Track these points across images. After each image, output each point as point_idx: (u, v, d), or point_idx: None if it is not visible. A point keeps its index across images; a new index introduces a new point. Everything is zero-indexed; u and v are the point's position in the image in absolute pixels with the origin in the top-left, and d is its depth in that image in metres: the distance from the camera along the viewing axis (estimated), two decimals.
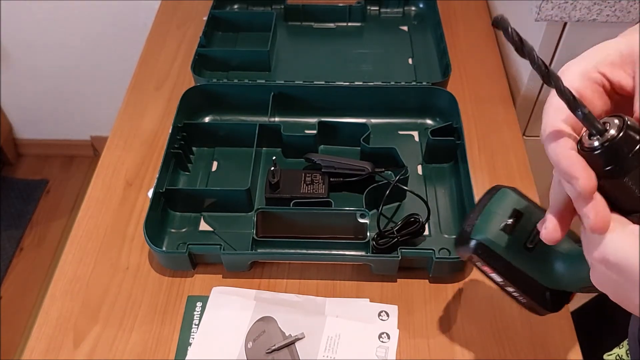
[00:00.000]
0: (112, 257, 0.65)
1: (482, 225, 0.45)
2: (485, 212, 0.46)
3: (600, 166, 0.31)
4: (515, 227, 0.44)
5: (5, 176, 1.74)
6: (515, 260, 0.44)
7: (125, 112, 0.82)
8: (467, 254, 0.46)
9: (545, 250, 0.43)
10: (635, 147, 0.30)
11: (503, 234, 0.44)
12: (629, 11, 0.67)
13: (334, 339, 0.57)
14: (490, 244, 0.44)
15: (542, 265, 0.44)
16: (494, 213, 0.45)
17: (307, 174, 0.68)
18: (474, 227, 0.46)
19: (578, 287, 0.43)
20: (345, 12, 0.93)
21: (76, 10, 1.37)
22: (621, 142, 0.30)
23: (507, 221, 0.44)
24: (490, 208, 0.46)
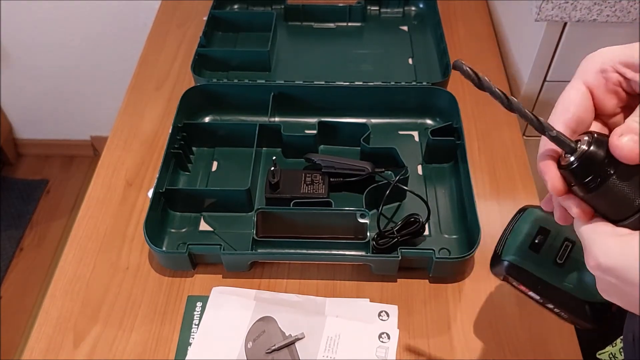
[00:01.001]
0: (112, 257, 0.65)
1: (511, 245, 0.47)
2: (513, 233, 0.47)
3: (580, 180, 0.32)
4: (543, 245, 0.45)
5: (5, 176, 1.74)
6: (548, 276, 0.45)
7: (125, 112, 0.82)
8: (501, 275, 0.47)
9: (576, 264, 0.44)
10: (604, 159, 0.31)
11: (532, 253, 0.45)
12: (629, 11, 0.67)
13: (334, 339, 0.57)
14: (520, 263, 0.46)
15: (575, 279, 0.45)
16: (522, 233, 0.47)
17: (307, 174, 0.68)
18: (504, 248, 0.47)
19: None
20: (345, 12, 0.93)
21: (76, 10, 1.37)
22: (591, 155, 0.32)
23: (535, 239, 0.46)
24: (518, 228, 0.47)
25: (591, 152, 0.32)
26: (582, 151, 0.32)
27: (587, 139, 0.32)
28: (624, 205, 0.32)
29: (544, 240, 0.45)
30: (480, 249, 0.60)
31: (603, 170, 0.31)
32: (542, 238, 0.45)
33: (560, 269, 0.45)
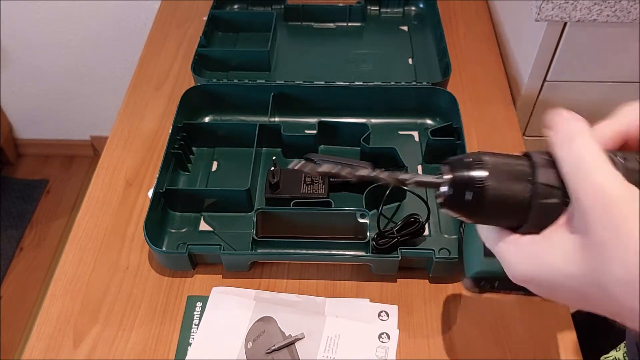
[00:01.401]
0: (112, 257, 0.65)
1: (468, 261, 0.47)
2: (465, 248, 0.48)
3: (463, 205, 0.32)
4: None
5: (5, 176, 1.74)
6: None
7: (125, 112, 0.82)
8: (477, 290, 0.46)
9: None
10: (472, 178, 0.31)
11: (490, 258, 0.43)
12: (629, 11, 0.67)
13: (334, 339, 0.57)
14: (484, 273, 0.44)
15: None
16: (471, 244, 0.47)
17: (307, 174, 0.68)
18: (465, 266, 0.47)
19: None
20: (345, 12, 0.93)
21: (76, 10, 1.37)
22: (460, 177, 0.31)
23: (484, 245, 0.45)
24: (467, 241, 0.48)
25: (458, 175, 0.31)
26: (449, 178, 0.32)
27: (447, 168, 0.32)
28: (514, 209, 0.31)
29: None
30: None
31: (476, 184, 0.31)
32: None
33: None
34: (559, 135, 0.30)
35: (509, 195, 0.30)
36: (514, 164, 0.31)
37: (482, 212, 0.31)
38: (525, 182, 0.30)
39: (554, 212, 0.30)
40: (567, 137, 0.30)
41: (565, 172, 0.29)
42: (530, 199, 0.30)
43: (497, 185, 0.30)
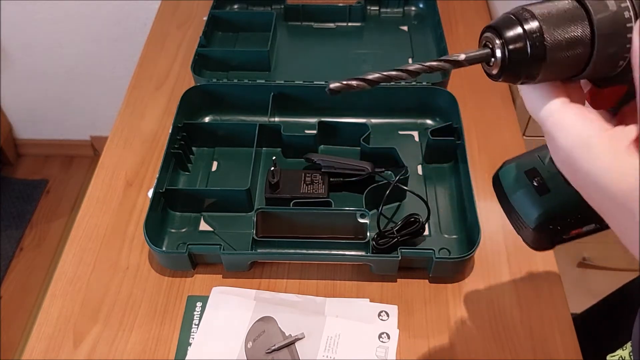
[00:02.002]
0: (112, 257, 0.65)
1: (524, 211, 0.41)
2: (515, 202, 0.42)
3: (525, 64, 0.29)
4: (545, 182, 0.41)
5: (5, 176, 1.74)
6: (576, 200, 0.36)
7: (125, 112, 0.82)
8: (548, 243, 0.42)
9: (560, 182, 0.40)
10: (523, 31, 0.29)
11: (545, 196, 0.40)
12: None
13: (334, 339, 0.57)
14: (549, 216, 0.40)
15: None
16: (520, 193, 0.42)
17: (307, 174, 0.68)
18: (522, 219, 0.41)
19: None
20: (345, 12, 0.93)
21: (76, 10, 1.37)
22: (511, 38, 0.29)
23: (534, 183, 0.41)
24: (512, 194, 0.42)
25: (509, 35, 0.29)
26: (501, 42, 0.29)
27: (492, 34, 0.30)
28: (577, 45, 0.29)
29: (541, 178, 0.41)
30: (480, 249, 0.60)
31: (532, 38, 0.29)
32: (539, 178, 0.40)
33: (569, 187, 0.38)
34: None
35: (568, 30, 0.29)
36: (559, 3, 0.29)
37: (545, 61, 0.29)
38: (577, 12, 0.29)
39: (619, 30, 0.28)
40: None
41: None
42: (590, 22, 0.28)
43: (553, 27, 0.29)
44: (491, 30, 0.30)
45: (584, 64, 0.30)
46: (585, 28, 0.29)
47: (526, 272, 0.62)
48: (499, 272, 0.63)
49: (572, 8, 0.29)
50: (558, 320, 0.59)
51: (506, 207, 0.43)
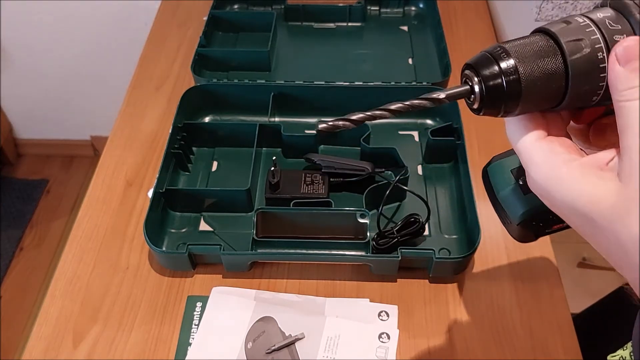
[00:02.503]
0: (112, 257, 0.65)
1: (510, 207, 0.43)
2: (501, 198, 0.44)
3: (502, 99, 0.31)
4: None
5: (5, 176, 1.74)
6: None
7: (125, 112, 0.82)
8: (532, 235, 0.43)
9: None
10: (499, 70, 0.30)
11: (530, 195, 0.40)
12: None
13: (334, 339, 0.57)
14: (533, 211, 0.41)
15: None
16: (507, 190, 0.43)
17: (307, 174, 0.68)
18: (508, 216, 0.43)
19: None
20: (345, 12, 0.93)
21: (76, 10, 1.37)
22: (488, 76, 0.31)
23: (520, 182, 0.43)
24: (500, 192, 0.44)
25: (485, 73, 0.31)
26: (479, 80, 0.31)
27: (471, 72, 0.32)
28: (552, 79, 0.30)
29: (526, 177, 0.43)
30: (480, 249, 0.60)
31: (508, 75, 0.30)
32: (524, 177, 0.41)
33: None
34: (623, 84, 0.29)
35: (542, 68, 0.30)
36: (534, 41, 0.31)
37: (521, 97, 0.31)
38: (551, 50, 0.30)
39: (592, 70, 0.29)
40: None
41: (622, 124, 0.28)
42: (565, 61, 0.30)
43: (528, 65, 0.30)
44: (470, 68, 0.32)
45: (559, 99, 0.31)
46: (560, 66, 0.30)
47: (526, 272, 0.62)
48: (499, 272, 0.63)
49: (546, 46, 0.30)
50: (558, 320, 0.59)
51: (493, 201, 0.45)
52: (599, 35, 0.29)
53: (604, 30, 0.29)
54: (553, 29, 0.30)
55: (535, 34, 0.31)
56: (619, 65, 0.29)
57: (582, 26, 0.30)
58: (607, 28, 0.30)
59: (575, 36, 0.30)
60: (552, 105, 0.31)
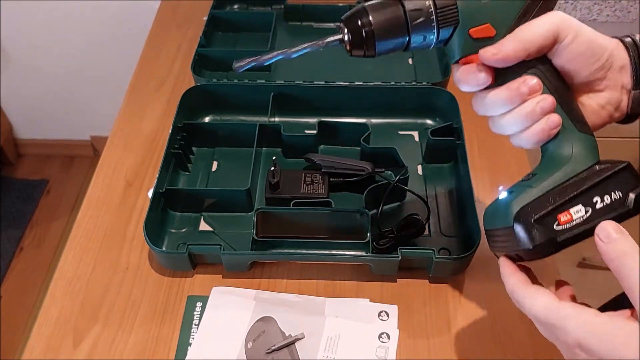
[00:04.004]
0: (112, 257, 0.65)
1: (497, 215, 0.45)
2: (489, 216, 0.47)
3: (362, 46, 0.43)
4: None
5: (5, 176, 1.74)
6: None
7: (125, 112, 0.82)
8: (539, 248, 0.42)
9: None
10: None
11: (518, 192, 0.43)
12: (629, 11, 0.67)
13: (334, 339, 0.57)
14: (529, 206, 0.42)
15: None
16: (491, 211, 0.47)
17: (307, 174, 0.68)
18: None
19: None
20: (345, 12, 0.93)
21: (76, 10, 1.37)
22: (351, 23, 0.43)
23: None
24: (488, 223, 0.47)
25: (349, 22, 0.44)
26: (348, 31, 0.44)
27: (342, 24, 0.44)
28: (396, 26, 0.42)
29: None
30: (480, 249, 0.60)
31: (365, 24, 0.42)
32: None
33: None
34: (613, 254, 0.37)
35: (390, 20, 0.41)
36: (386, 3, 0.42)
37: (376, 37, 0.42)
38: (398, 10, 0.41)
39: (427, 22, 0.41)
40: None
41: (626, 287, 0.36)
42: (405, 14, 0.41)
43: (379, 17, 0.41)
44: (343, 21, 0.43)
45: (405, 33, 0.42)
46: (400, 11, 0.41)
47: None
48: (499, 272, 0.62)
49: (392, 3, 0.42)
50: None
51: (493, 238, 0.46)
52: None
53: None
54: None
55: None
56: (603, 243, 0.37)
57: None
58: None
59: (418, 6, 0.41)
60: (403, 38, 0.42)
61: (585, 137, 0.43)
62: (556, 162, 0.43)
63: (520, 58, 0.41)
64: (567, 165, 0.42)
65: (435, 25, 0.42)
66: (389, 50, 0.43)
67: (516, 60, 0.41)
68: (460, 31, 0.42)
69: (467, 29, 0.42)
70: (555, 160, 0.43)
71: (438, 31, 0.42)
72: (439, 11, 0.41)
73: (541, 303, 0.40)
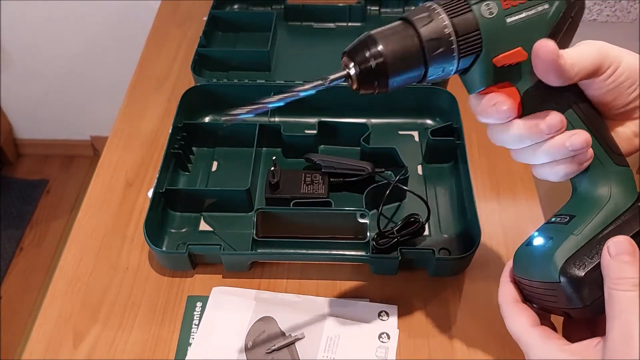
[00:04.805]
0: (112, 257, 0.65)
1: (546, 266, 0.39)
2: (530, 265, 0.42)
3: (373, 83, 0.38)
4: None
5: (5, 176, 1.74)
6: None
7: (125, 112, 0.82)
8: (585, 305, 0.38)
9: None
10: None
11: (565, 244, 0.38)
12: (629, 11, 0.67)
13: (334, 339, 0.57)
14: (569, 260, 0.38)
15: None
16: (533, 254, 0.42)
17: (307, 174, 0.68)
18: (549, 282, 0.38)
19: None
20: (345, 12, 0.93)
21: (76, 10, 1.37)
22: (360, 59, 0.38)
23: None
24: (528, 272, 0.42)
25: (359, 57, 0.38)
26: (354, 65, 0.38)
27: (347, 58, 0.39)
28: (411, 56, 0.37)
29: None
30: (480, 249, 0.60)
31: (376, 56, 0.37)
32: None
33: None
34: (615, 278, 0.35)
35: (404, 51, 0.36)
36: (396, 29, 0.37)
37: (389, 71, 0.37)
38: (407, 28, 0.37)
39: (440, 35, 0.36)
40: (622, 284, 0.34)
41: (611, 312, 0.34)
42: (420, 43, 0.36)
43: (391, 47, 0.36)
44: (346, 55, 0.38)
45: (422, 64, 0.37)
46: (415, 38, 0.36)
47: None
48: (499, 272, 0.62)
49: (403, 27, 0.37)
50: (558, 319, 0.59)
51: (530, 289, 0.41)
52: (441, 10, 0.37)
53: (446, 8, 0.37)
54: (409, 15, 0.37)
55: (397, 22, 0.38)
56: (609, 257, 0.35)
57: (427, 7, 0.37)
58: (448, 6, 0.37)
59: (423, 13, 0.37)
60: (420, 71, 0.37)
61: (622, 170, 0.39)
62: (594, 202, 0.38)
63: (566, 82, 0.37)
64: (607, 204, 0.38)
65: (456, 55, 0.37)
66: (403, 84, 0.38)
67: (563, 83, 0.37)
68: (482, 59, 0.37)
69: (491, 56, 0.37)
70: (593, 199, 0.39)
71: (458, 61, 0.37)
72: (460, 39, 0.36)
73: (517, 323, 0.40)
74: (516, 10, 0.36)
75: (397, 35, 0.37)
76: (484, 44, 0.37)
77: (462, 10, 0.36)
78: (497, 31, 0.36)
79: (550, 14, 0.37)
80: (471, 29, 0.36)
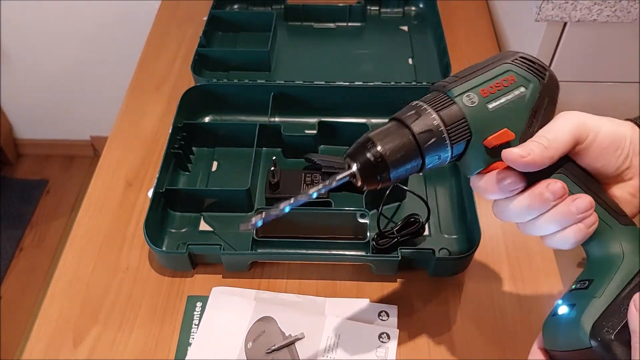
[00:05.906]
0: (112, 257, 0.65)
1: (569, 333, 0.39)
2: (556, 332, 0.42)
3: (376, 180, 0.41)
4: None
5: (5, 176, 1.74)
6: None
7: (125, 112, 0.82)
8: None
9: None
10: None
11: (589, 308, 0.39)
12: (629, 11, 0.67)
13: (334, 339, 0.57)
14: (604, 319, 0.38)
15: None
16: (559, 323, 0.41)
17: (307, 174, 0.68)
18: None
19: None
20: (345, 12, 0.93)
21: (76, 10, 1.37)
22: (362, 160, 0.41)
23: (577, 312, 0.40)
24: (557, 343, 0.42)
25: (360, 159, 0.40)
26: (356, 165, 0.40)
27: (349, 159, 0.41)
28: (408, 152, 0.40)
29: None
30: (480, 249, 0.60)
31: (376, 156, 0.40)
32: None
33: None
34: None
35: (400, 146, 0.40)
36: (390, 129, 0.41)
37: (390, 166, 0.40)
38: (400, 128, 0.40)
39: (431, 129, 0.40)
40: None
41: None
42: (414, 137, 0.40)
43: (389, 146, 0.40)
44: (349, 157, 0.41)
45: (418, 157, 0.40)
46: (409, 136, 0.40)
47: (526, 272, 0.62)
48: (499, 272, 0.63)
49: (397, 127, 0.40)
50: None
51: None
52: (427, 106, 0.40)
53: (431, 104, 0.41)
54: (399, 115, 0.41)
55: (390, 122, 0.41)
56: (636, 311, 0.35)
57: (414, 105, 0.41)
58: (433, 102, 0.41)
59: (411, 111, 0.41)
60: (417, 162, 0.40)
61: (630, 229, 0.40)
62: (609, 263, 0.40)
63: (547, 164, 0.39)
64: (622, 264, 0.39)
65: (448, 143, 0.40)
66: (404, 176, 0.41)
67: (543, 166, 0.39)
68: (474, 143, 0.40)
69: (481, 139, 0.40)
70: (608, 260, 0.40)
71: (452, 148, 0.40)
72: (449, 128, 0.39)
73: None
74: (494, 97, 0.40)
75: (392, 135, 0.40)
76: (472, 129, 0.40)
77: (446, 103, 0.40)
78: (482, 117, 0.40)
79: (527, 96, 0.41)
80: (457, 118, 0.40)
